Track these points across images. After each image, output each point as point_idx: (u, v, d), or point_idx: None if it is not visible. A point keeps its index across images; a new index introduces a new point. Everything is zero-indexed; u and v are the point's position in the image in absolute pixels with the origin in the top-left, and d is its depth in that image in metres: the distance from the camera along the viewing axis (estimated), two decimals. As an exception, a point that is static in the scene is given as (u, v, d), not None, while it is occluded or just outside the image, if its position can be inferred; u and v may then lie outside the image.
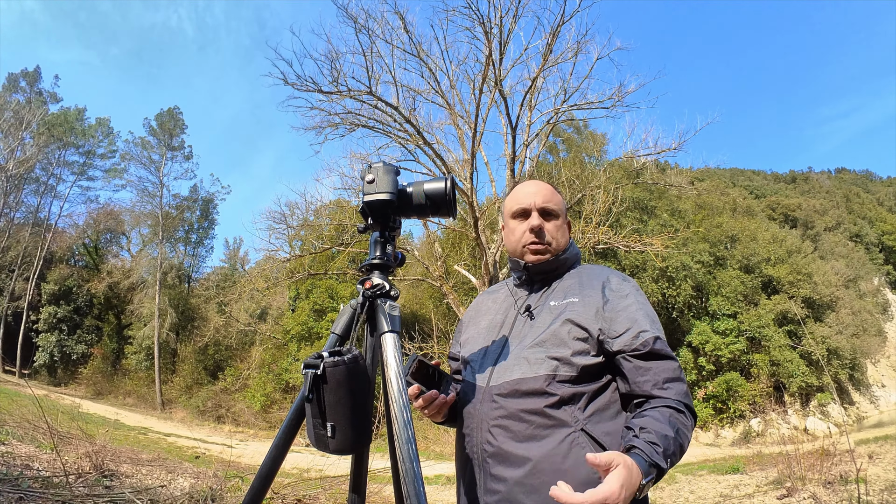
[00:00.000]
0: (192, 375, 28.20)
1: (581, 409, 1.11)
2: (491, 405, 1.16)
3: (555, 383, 1.12)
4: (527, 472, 1.07)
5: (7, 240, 29.89)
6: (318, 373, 0.93)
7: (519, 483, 1.08)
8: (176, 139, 33.42)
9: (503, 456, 1.11)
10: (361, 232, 1.22)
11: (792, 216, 46.42)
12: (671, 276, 24.88)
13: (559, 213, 1.35)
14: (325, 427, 0.95)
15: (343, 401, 0.94)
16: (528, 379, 1.14)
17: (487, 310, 1.40)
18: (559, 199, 1.37)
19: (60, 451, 4.18)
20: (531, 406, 1.12)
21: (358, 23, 9.99)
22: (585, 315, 1.18)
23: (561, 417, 1.10)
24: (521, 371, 1.16)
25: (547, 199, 1.33)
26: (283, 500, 4.55)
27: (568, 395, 1.11)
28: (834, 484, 5.16)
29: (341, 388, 0.94)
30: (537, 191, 1.35)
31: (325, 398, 0.94)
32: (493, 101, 11.77)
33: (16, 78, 32.01)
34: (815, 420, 24.32)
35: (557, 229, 1.33)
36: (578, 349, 1.14)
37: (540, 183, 1.39)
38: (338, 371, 0.94)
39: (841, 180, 71.55)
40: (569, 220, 1.43)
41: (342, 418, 0.95)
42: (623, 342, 1.14)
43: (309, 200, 13.50)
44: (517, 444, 1.11)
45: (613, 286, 1.24)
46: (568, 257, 1.35)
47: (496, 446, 1.13)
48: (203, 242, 35.88)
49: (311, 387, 0.94)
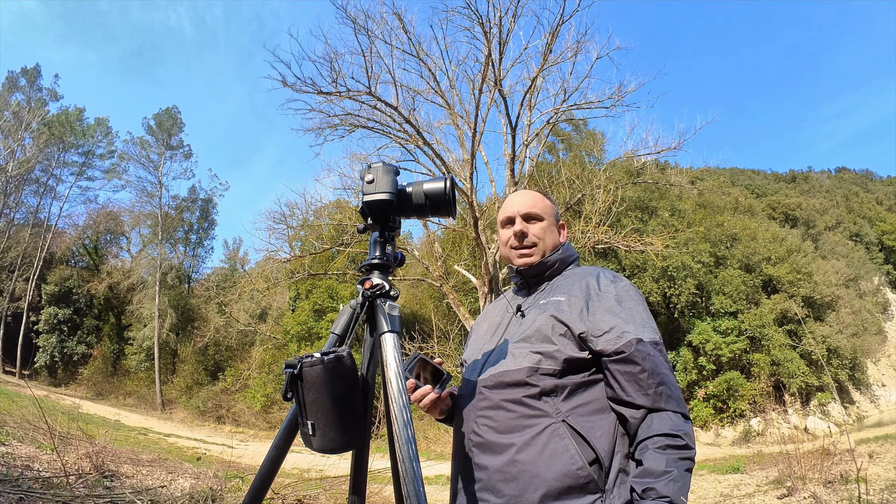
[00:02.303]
0: (193, 376, 28.20)
1: (563, 400, 1.12)
2: (478, 397, 1.20)
3: (537, 375, 1.14)
4: (506, 461, 1.10)
5: (7, 240, 29.90)
6: (295, 372, 0.97)
7: (498, 471, 1.10)
8: (174, 138, 33.43)
9: (487, 445, 1.14)
10: (361, 232, 1.22)
11: (792, 215, 46.43)
12: (672, 275, 24.88)
13: (544, 216, 1.38)
14: (306, 425, 0.98)
15: (322, 400, 0.96)
16: (511, 371, 1.17)
17: (489, 315, 1.44)
18: (546, 203, 1.41)
19: (61, 452, 4.18)
20: (513, 396, 1.14)
21: (357, 23, 9.99)
22: (570, 313, 1.19)
23: (542, 408, 1.11)
24: (506, 364, 1.19)
25: (531, 206, 1.38)
26: (284, 501, 4.54)
27: (550, 386, 1.13)
28: (834, 483, 5.16)
29: (319, 388, 0.96)
30: (522, 199, 1.40)
31: (303, 397, 0.97)
32: (493, 101, 11.78)
33: (15, 77, 32.01)
34: (816, 419, 24.31)
35: (543, 230, 1.36)
36: (561, 344, 1.16)
37: (527, 192, 1.43)
38: (314, 371, 0.96)
39: (841, 180, 71.58)
40: (562, 223, 1.45)
41: (322, 417, 0.97)
42: (604, 343, 1.14)
43: (309, 201, 13.53)
44: (499, 434, 1.13)
45: (601, 286, 1.24)
46: (560, 258, 1.36)
47: (481, 436, 1.16)
48: (203, 243, 35.92)
49: (288, 386, 0.97)
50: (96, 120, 34.65)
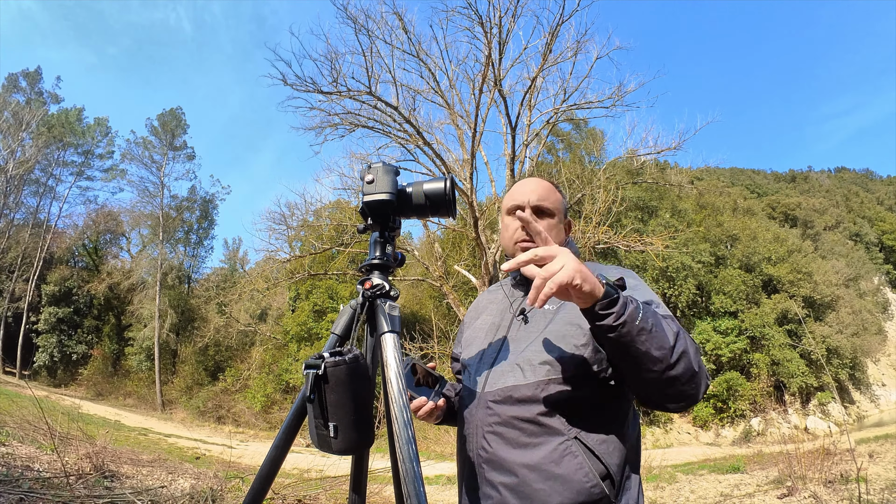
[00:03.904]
0: (193, 376, 28.21)
1: (575, 416, 1.08)
2: (486, 411, 1.15)
3: (548, 390, 1.09)
4: (519, 480, 1.06)
5: (7, 241, 29.89)
6: (320, 373, 0.93)
7: (512, 490, 1.07)
8: (178, 139, 33.45)
9: (497, 462, 1.11)
10: (361, 232, 1.22)
11: (792, 215, 46.46)
12: (672, 276, 24.89)
13: (554, 213, 1.29)
14: (327, 427, 0.94)
15: (345, 401, 0.94)
16: (520, 386, 1.12)
17: (486, 310, 1.37)
18: (557, 197, 1.32)
19: (61, 452, 4.18)
20: (524, 414, 1.10)
21: (357, 23, 10.01)
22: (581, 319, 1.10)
23: (553, 425, 1.07)
24: (515, 378, 1.13)
25: (542, 198, 1.28)
26: (284, 501, 4.55)
27: (561, 402, 1.09)
28: (834, 483, 5.16)
29: (343, 388, 0.94)
30: (534, 188, 1.30)
31: (326, 398, 0.94)
32: (493, 101, 11.79)
33: (15, 78, 32.01)
34: (816, 419, 24.31)
35: (551, 228, 1.28)
36: (573, 355, 1.10)
37: (538, 180, 1.33)
38: (339, 371, 0.93)
39: (841, 179, 71.63)
40: (569, 219, 1.38)
41: (344, 418, 0.94)
42: None
43: (309, 201, 13.54)
44: (510, 450, 1.09)
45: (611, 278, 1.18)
46: None
47: (490, 452, 1.12)
48: (203, 243, 35.92)
49: (312, 387, 0.93)
50: (96, 120, 34.67)
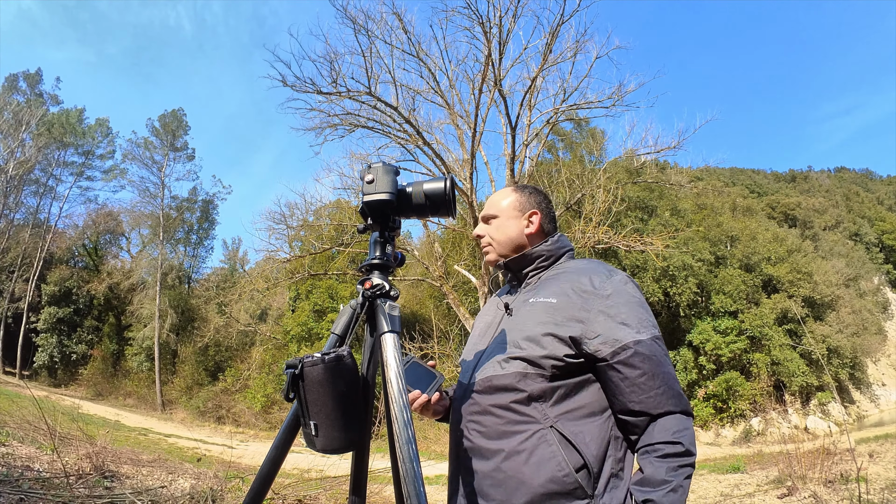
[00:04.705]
0: (193, 376, 28.20)
1: (552, 405, 1.11)
2: (469, 401, 1.20)
3: (525, 380, 1.12)
4: (493, 467, 1.10)
5: (7, 241, 29.89)
6: (296, 372, 0.97)
7: (486, 476, 1.11)
8: (179, 140, 33.46)
9: (476, 450, 1.15)
10: (361, 232, 1.22)
11: (791, 215, 46.50)
12: (673, 275, 24.88)
13: (497, 214, 1.39)
14: (308, 425, 0.98)
15: (325, 399, 0.96)
16: (499, 375, 1.16)
17: (485, 314, 1.43)
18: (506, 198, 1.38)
19: (61, 453, 4.18)
20: (501, 401, 1.14)
21: (357, 23, 10.01)
22: (561, 315, 1.14)
23: (530, 413, 1.10)
24: (494, 368, 1.18)
25: (487, 207, 1.43)
26: (284, 501, 4.54)
27: (538, 391, 1.11)
28: (835, 483, 5.16)
29: (320, 388, 0.96)
30: (487, 202, 1.46)
31: (305, 397, 0.97)
32: (493, 101, 11.78)
33: (15, 79, 32.02)
34: (816, 419, 24.32)
35: (496, 229, 1.38)
36: (551, 348, 1.12)
37: (496, 193, 1.47)
38: (316, 370, 0.96)
39: (841, 179, 71.62)
40: (533, 210, 1.36)
41: (324, 417, 0.97)
42: (599, 346, 1.10)
43: (309, 201, 13.52)
44: (488, 439, 1.13)
45: (596, 283, 1.17)
46: (546, 250, 1.32)
47: (470, 440, 1.17)
48: (203, 243, 35.93)
49: (289, 386, 0.97)
50: (97, 120, 34.68)
